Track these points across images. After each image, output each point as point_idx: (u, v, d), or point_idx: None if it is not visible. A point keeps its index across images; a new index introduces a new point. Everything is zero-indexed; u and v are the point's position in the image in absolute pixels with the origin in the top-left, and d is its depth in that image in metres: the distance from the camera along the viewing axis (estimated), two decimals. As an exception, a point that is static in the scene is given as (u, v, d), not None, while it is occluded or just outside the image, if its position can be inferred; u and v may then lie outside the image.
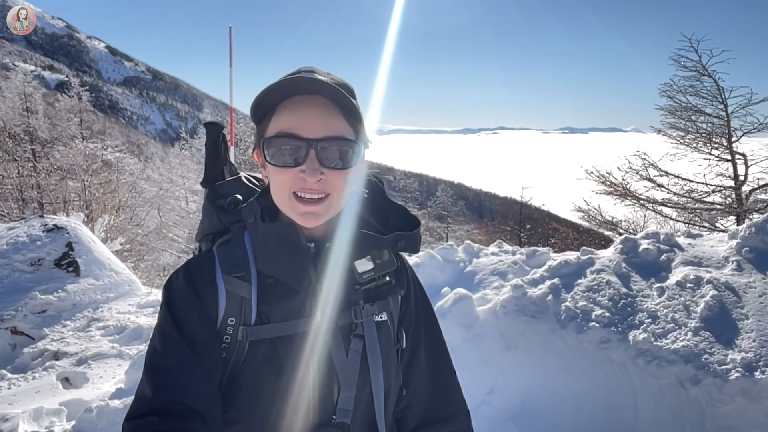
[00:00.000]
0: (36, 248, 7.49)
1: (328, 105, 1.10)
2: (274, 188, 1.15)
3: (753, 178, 11.91)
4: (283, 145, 1.09)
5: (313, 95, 1.09)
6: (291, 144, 1.08)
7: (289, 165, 1.09)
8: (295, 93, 1.10)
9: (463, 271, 5.34)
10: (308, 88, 1.08)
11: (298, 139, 1.08)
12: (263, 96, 1.10)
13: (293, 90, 1.09)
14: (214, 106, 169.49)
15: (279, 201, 1.15)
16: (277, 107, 1.11)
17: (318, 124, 1.08)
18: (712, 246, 4.72)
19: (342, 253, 1.17)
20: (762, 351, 3.51)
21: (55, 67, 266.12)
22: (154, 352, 1.10)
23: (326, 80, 1.09)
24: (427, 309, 1.38)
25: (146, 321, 6.83)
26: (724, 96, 12.05)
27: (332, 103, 1.10)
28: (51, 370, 5.65)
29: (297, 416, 1.13)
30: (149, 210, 24.27)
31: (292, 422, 1.12)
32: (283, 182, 1.11)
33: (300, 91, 1.09)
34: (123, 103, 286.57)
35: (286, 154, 1.09)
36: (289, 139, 1.08)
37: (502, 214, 34.27)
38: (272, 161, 1.10)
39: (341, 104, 1.11)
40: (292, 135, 1.08)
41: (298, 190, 1.10)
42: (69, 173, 19.32)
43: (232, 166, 1.46)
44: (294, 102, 1.10)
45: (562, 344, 4.12)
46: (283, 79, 1.10)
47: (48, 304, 6.83)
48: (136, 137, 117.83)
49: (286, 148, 1.08)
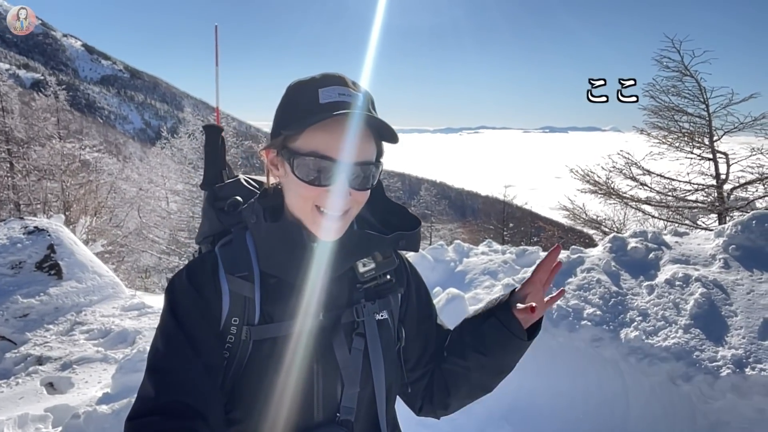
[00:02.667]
0: (17, 251, 7.34)
1: (363, 129, 1.11)
2: (295, 197, 1.15)
3: (734, 177, 12.17)
4: (315, 163, 1.09)
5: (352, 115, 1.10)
6: (323, 164, 1.09)
7: (317, 183, 1.10)
8: (336, 110, 1.08)
9: (453, 271, 5.36)
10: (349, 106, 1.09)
11: (331, 161, 1.08)
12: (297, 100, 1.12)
13: (335, 106, 1.09)
14: (194, 105, 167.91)
15: (299, 210, 1.15)
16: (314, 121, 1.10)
17: (353, 149, 1.09)
18: (699, 244, 4.79)
19: (345, 252, 1.17)
20: (751, 347, 3.56)
21: (31, 65, 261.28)
22: (156, 352, 1.09)
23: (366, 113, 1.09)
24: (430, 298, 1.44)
25: (131, 324, 6.73)
26: (705, 96, 12.25)
27: (367, 128, 1.12)
28: (34, 375, 5.54)
29: (301, 414, 1.14)
30: (129, 211, 23.95)
31: (296, 420, 1.14)
32: (307, 196, 1.11)
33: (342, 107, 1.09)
34: (100, 102, 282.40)
35: (317, 172, 1.09)
36: (322, 160, 1.08)
37: (484, 212, 34.56)
38: (300, 175, 1.10)
39: (375, 128, 1.13)
40: (326, 157, 1.08)
41: (321, 205, 1.11)
42: (46, 174, 18.98)
43: (229, 168, 1.46)
44: (329, 121, 1.08)
45: (554, 343, 4.14)
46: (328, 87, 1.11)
47: (30, 307, 6.70)
48: (114, 137, 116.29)
49: (318, 167, 1.09)
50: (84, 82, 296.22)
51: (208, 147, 1.41)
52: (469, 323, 1.35)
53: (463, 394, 1.35)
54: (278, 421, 1.12)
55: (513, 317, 1.25)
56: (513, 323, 1.24)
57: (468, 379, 1.32)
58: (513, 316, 1.25)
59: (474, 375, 1.31)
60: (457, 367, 1.32)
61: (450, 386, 1.34)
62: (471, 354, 1.30)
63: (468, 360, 1.30)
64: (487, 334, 1.28)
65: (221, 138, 1.42)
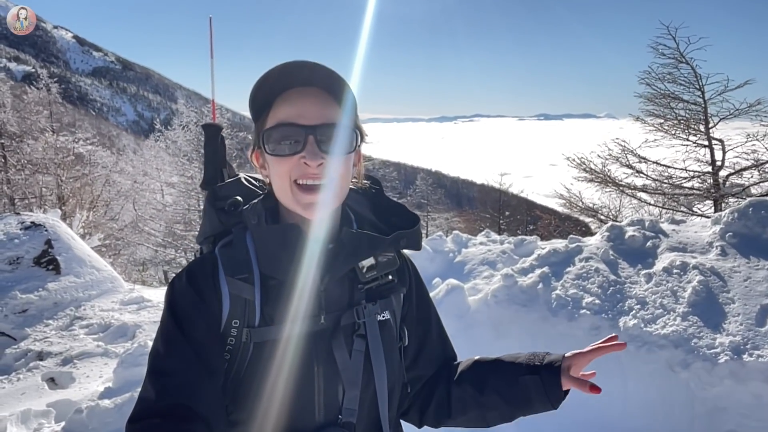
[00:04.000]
0: (14, 246, 7.32)
1: (324, 94, 1.13)
2: (276, 181, 1.15)
3: (729, 163, 12.21)
4: (283, 134, 1.11)
5: (309, 87, 1.13)
6: (290, 132, 1.10)
7: (289, 153, 1.11)
8: (291, 85, 1.13)
9: (452, 261, 5.38)
10: (304, 79, 1.12)
11: (297, 126, 1.10)
12: (258, 90, 1.13)
13: (289, 82, 1.12)
14: (187, 96, 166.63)
15: (281, 193, 1.16)
16: (274, 102, 1.14)
17: (315, 113, 1.11)
18: (696, 232, 4.82)
19: (345, 253, 1.17)
20: (749, 334, 3.60)
21: (21, 58, 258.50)
22: (157, 354, 1.09)
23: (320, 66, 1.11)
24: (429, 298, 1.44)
25: (130, 318, 6.74)
26: (701, 83, 12.27)
27: (328, 93, 1.14)
28: (35, 370, 5.54)
29: (303, 416, 1.14)
30: (124, 203, 23.83)
31: (297, 422, 1.13)
32: (283, 172, 1.12)
33: (296, 83, 1.13)
34: (93, 94, 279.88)
35: (286, 142, 1.11)
36: (289, 128, 1.10)
37: (480, 201, 34.55)
38: (273, 152, 1.12)
39: (336, 94, 1.14)
40: (291, 124, 1.10)
41: (298, 178, 1.12)
42: (40, 167, 18.84)
43: (230, 167, 1.45)
44: (290, 94, 1.13)
45: (553, 332, 4.17)
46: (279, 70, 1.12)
47: (29, 303, 6.69)
48: (107, 129, 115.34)
49: (286, 137, 1.11)
50: (75, 75, 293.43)
51: (208, 146, 1.40)
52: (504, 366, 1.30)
53: (462, 421, 1.33)
54: (279, 423, 1.12)
55: (558, 386, 1.20)
56: (555, 392, 1.20)
57: (475, 413, 1.30)
58: (558, 385, 1.20)
59: (484, 412, 1.29)
60: (469, 398, 1.30)
61: (453, 410, 1.32)
62: (492, 394, 1.27)
63: (485, 397, 1.28)
64: (521, 388, 1.24)
65: (221, 137, 1.41)
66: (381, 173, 32.73)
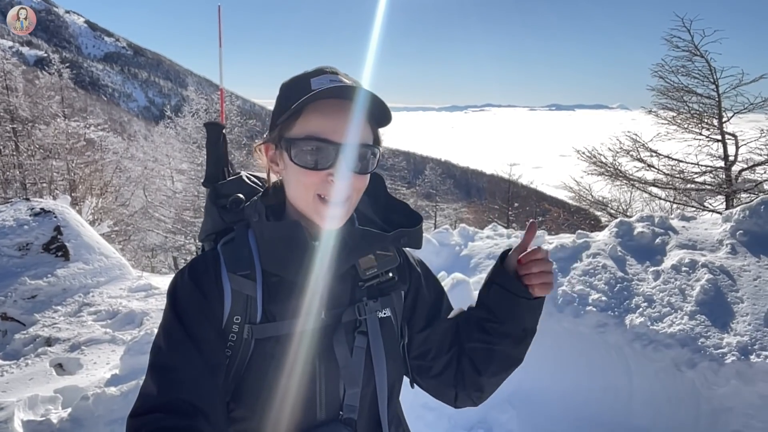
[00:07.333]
0: (23, 232, 7.37)
1: (359, 112, 1.11)
2: (296, 187, 1.15)
3: (743, 158, 12.06)
4: (313, 147, 1.09)
5: (346, 100, 1.10)
6: (321, 147, 1.09)
7: (317, 168, 1.10)
8: (329, 95, 1.10)
9: (458, 255, 5.35)
10: (340, 93, 1.09)
11: (329, 143, 1.08)
12: (291, 88, 1.13)
13: (328, 92, 1.09)
14: (197, 82, 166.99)
15: (300, 201, 1.15)
16: (305, 107, 1.10)
17: (349, 130, 1.10)
18: (706, 229, 4.75)
19: (347, 250, 1.17)
20: (757, 334, 3.56)
21: (34, 42, 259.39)
22: (158, 350, 1.10)
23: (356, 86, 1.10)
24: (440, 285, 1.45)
25: (138, 305, 6.79)
26: (715, 76, 12.09)
27: (363, 111, 1.12)
28: (44, 356, 5.61)
29: (304, 413, 1.15)
30: (134, 190, 23.97)
31: (299, 419, 1.14)
32: (308, 183, 1.11)
33: (334, 94, 1.09)
34: (104, 79, 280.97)
35: (315, 156, 1.09)
36: (320, 143, 1.08)
37: (489, 191, 34.38)
38: (299, 162, 1.10)
39: (370, 111, 1.12)
40: (323, 139, 1.08)
41: (323, 193, 1.11)
42: (52, 153, 18.96)
43: (231, 165, 1.45)
44: (324, 105, 1.09)
45: (559, 327, 4.15)
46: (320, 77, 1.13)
47: (38, 289, 6.75)
48: (119, 115, 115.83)
49: (315, 150, 1.09)
50: (87, 60, 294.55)
51: (210, 144, 1.40)
52: (478, 299, 1.36)
53: (492, 370, 1.31)
54: (281, 420, 1.13)
55: (511, 278, 1.26)
56: (513, 284, 1.26)
57: (493, 353, 1.30)
58: (511, 277, 1.27)
59: (497, 347, 1.29)
60: (479, 344, 1.31)
61: (478, 365, 1.31)
62: (488, 326, 1.29)
63: (487, 333, 1.30)
64: (494, 302, 1.29)
65: (223, 135, 1.41)
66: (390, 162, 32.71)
